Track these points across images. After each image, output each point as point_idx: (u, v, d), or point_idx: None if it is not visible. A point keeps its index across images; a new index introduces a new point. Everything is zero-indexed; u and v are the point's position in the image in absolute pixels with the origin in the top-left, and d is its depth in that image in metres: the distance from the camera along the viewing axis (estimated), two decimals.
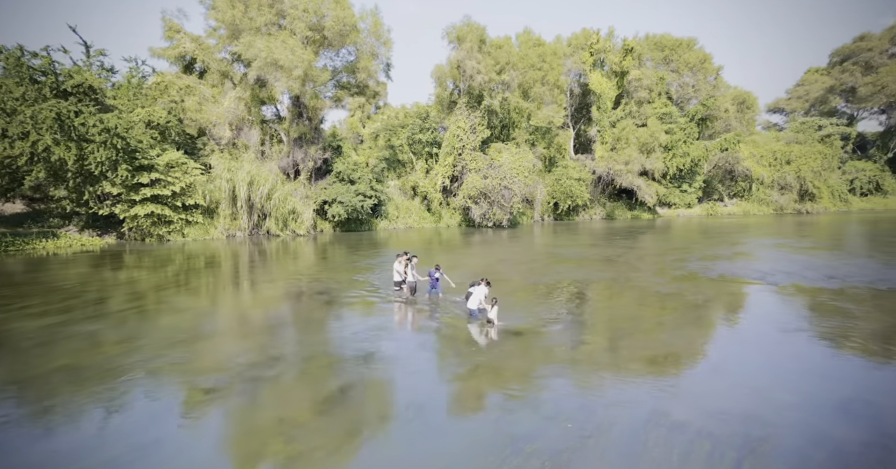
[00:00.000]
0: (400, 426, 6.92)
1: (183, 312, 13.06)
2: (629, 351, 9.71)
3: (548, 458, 5.96)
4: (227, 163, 33.01)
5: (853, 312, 12.16)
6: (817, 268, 18.42)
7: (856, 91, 70.03)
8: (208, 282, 17.99)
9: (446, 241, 30.43)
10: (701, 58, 45.37)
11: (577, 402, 7.48)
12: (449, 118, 38.49)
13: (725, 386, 7.95)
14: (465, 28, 37.87)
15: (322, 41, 34.35)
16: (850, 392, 7.57)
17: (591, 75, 42.40)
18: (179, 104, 33.65)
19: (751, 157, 44.34)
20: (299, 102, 35.39)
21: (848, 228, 34.97)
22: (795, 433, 6.45)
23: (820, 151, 47.20)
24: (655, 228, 36.79)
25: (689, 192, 43.95)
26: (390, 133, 50.78)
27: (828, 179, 48.13)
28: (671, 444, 6.24)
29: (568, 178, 39.20)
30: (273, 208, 33.14)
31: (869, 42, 71.76)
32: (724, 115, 45.22)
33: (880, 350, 9.49)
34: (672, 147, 41.29)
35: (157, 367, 9.02)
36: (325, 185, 35.46)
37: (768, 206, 45.95)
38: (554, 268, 20.01)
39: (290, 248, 28.33)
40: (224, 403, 7.59)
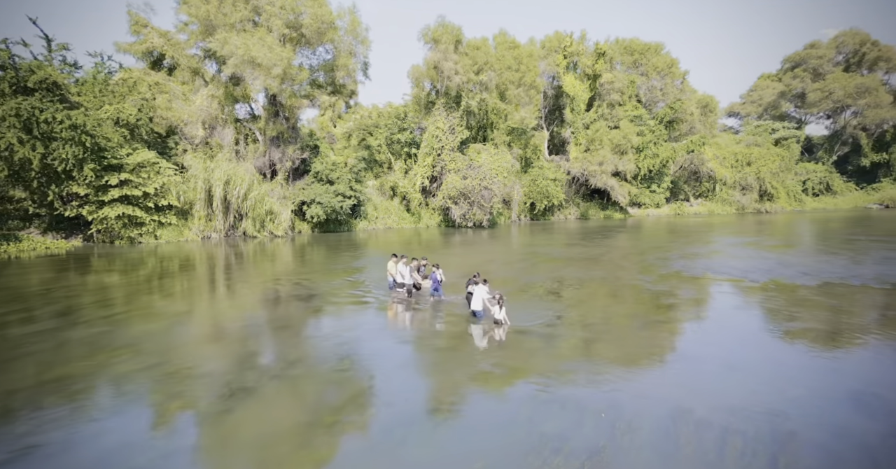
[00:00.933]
0: (432, 428, 6.98)
1: (157, 319, 12.55)
2: (638, 348, 10.09)
3: (587, 457, 6.11)
4: (203, 162, 32.08)
5: (837, 307, 13.02)
6: (790, 265, 19.52)
7: (805, 96, 74.01)
8: (186, 286, 17.44)
9: (429, 242, 30.52)
10: (668, 62, 47.08)
11: (602, 399, 7.69)
12: (427, 118, 38.56)
13: (737, 381, 8.32)
14: (441, 29, 38.01)
15: (299, 39, 33.79)
16: (855, 385, 8.08)
17: (565, 78, 43.33)
18: (150, 102, 32.44)
19: (714, 159, 46.36)
20: (275, 101, 34.71)
21: (806, 227, 37.03)
22: (818, 427, 6.79)
23: (778, 154, 49.83)
24: (629, 228, 37.97)
25: (658, 193, 45.58)
26: (364, 133, 50.45)
27: (784, 180, 50.82)
28: (703, 441, 6.46)
29: (544, 178, 39.96)
30: (250, 209, 32.42)
31: (818, 50, 75.98)
32: (689, 118, 47.10)
33: (870, 343, 10.22)
34: (643, 149, 42.69)
35: (126, 377, 8.72)
36: (304, 186, 34.93)
37: (731, 206, 48.16)
38: (543, 267, 20.44)
39: (269, 250, 27.81)
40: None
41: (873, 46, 70.68)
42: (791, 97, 78.26)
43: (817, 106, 72.55)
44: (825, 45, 76.37)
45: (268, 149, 35.36)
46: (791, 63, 79.19)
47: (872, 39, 71.23)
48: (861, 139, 71.42)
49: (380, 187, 39.49)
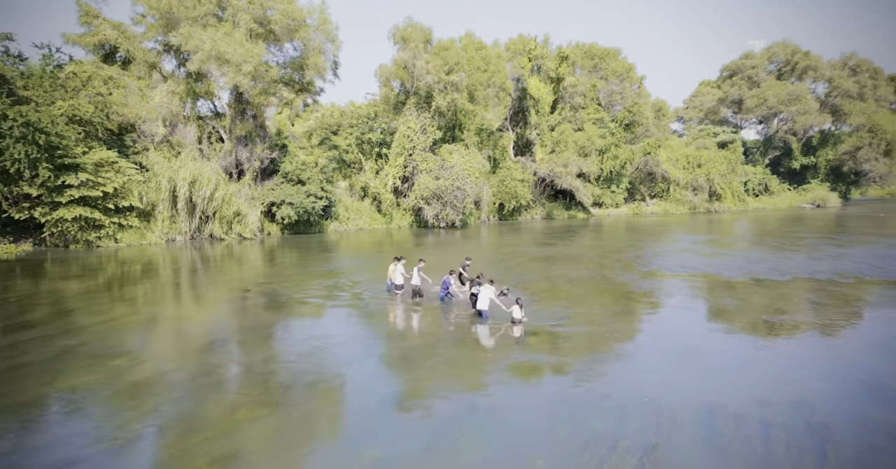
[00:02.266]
0: (479, 429, 7.06)
1: (117, 331, 11.77)
2: (651, 344, 10.65)
3: (643, 454, 6.33)
4: (168, 161, 30.60)
5: (816, 301, 14.22)
6: (757, 261, 21.02)
7: (742, 103, 79.21)
8: (149, 293, 16.51)
9: (406, 243, 30.52)
10: (626, 67, 49.17)
11: (634, 394, 8.02)
12: (398, 118, 38.44)
13: (755, 375, 8.89)
14: (410, 28, 38.01)
15: (268, 35, 32.79)
16: (860, 375, 8.81)
17: (530, 80, 44.37)
18: (105, 97, 30.56)
19: (668, 161, 48.89)
20: (242, 98, 33.54)
21: (755, 225, 39.76)
22: (846, 418, 7.25)
23: (725, 156, 53.17)
24: (594, 227, 39.42)
25: (618, 193, 47.55)
26: (326, 132, 49.60)
27: (731, 182, 54.26)
28: (748, 436, 6.78)
29: (512, 179, 40.78)
30: (217, 210, 31.20)
31: (752, 60, 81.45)
32: (645, 122, 49.40)
33: (858, 334, 11.30)
34: (605, 151, 44.39)
35: (79, 390, 8.34)
36: (273, 186, 33.97)
37: (684, 205, 50.94)
38: (531, 267, 20.95)
39: (238, 253, 26.96)
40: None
41: (803, 57, 76.58)
42: (729, 103, 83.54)
43: (753, 112, 77.73)
44: (759, 55, 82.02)
45: (234, 148, 34.12)
46: (729, 71, 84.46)
47: (802, 50, 77.16)
48: (791, 143, 77.32)
49: (351, 187, 38.99)
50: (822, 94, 77.77)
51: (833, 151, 76.13)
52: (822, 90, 78.01)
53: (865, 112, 75.44)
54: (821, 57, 76.23)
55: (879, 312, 12.95)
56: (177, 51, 35.01)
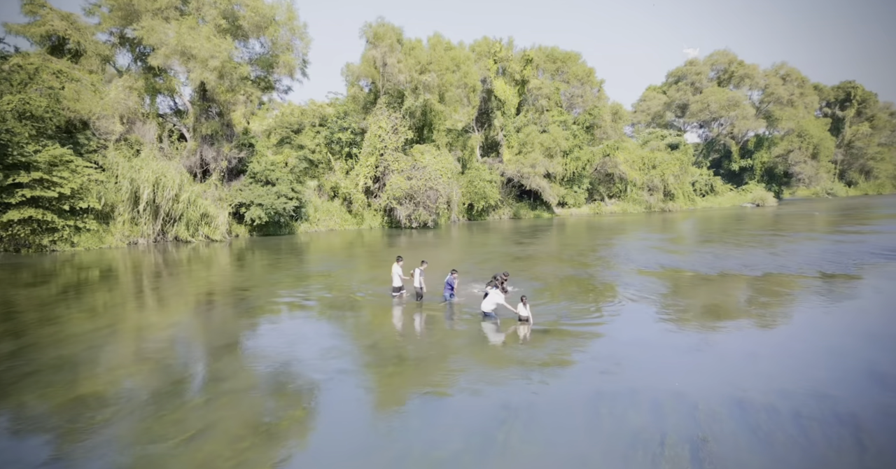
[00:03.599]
0: (523, 429, 7.10)
1: (69, 343, 11.03)
2: (656, 339, 11.15)
3: (695, 449, 6.48)
4: (128, 160, 29.01)
5: (794, 295, 15.44)
6: (725, 258, 22.46)
7: (687, 107, 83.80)
8: (107, 300, 15.63)
9: (382, 244, 30.37)
10: (587, 71, 50.94)
11: (661, 388, 8.29)
12: (368, 118, 38.11)
13: (765, 368, 9.30)
14: (382, 27, 37.83)
15: (235, 31, 31.69)
16: (865, 365, 9.35)
17: (496, 82, 45.15)
18: (57, 92, 28.58)
19: (625, 162, 51.09)
20: (207, 96, 32.25)
21: (709, 224, 42.23)
22: (870, 408, 7.54)
23: (677, 158, 56.11)
24: (561, 226, 40.64)
25: (579, 193, 49.23)
26: (287, 130, 48.51)
27: (683, 182, 57.34)
28: (785, 427, 7.03)
29: (481, 179, 41.37)
30: (183, 212, 29.88)
31: (696, 67, 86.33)
32: (603, 124, 51.36)
33: (844, 325, 12.41)
34: (569, 152, 45.83)
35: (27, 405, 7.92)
36: (240, 187, 32.87)
37: (640, 205, 53.38)
38: (515, 266, 21.38)
39: (207, 256, 26.01)
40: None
41: (739, 66, 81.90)
42: (675, 108, 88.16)
43: (697, 116, 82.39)
44: (702, 62, 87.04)
45: (199, 147, 32.75)
46: (674, 77, 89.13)
47: (739, 59, 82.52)
48: (731, 146, 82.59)
49: (320, 188, 38.30)
50: (757, 100, 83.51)
51: (767, 154, 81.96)
52: (757, 97, 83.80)
53: (794, 118, 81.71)
54: (756, 65, 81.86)
55: (853, 304, 14.22)
56: (133, 44, 33.28)
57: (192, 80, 29.64)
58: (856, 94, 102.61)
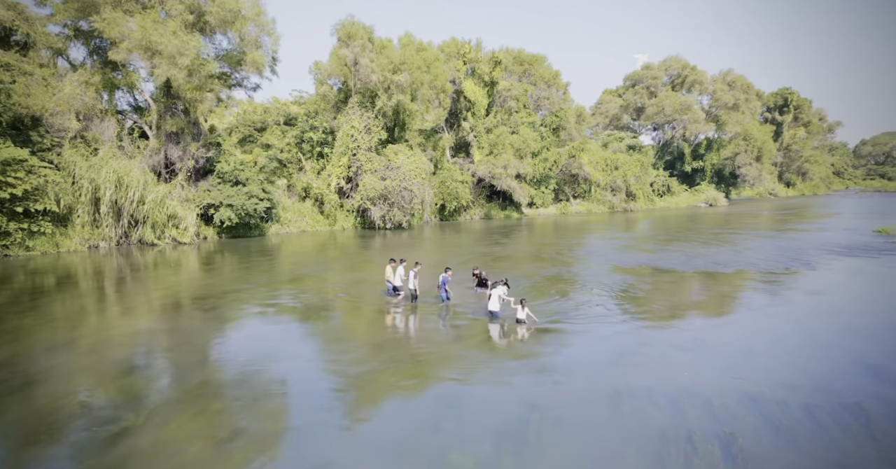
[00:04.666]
0: (554, 434, 7.16)
1: (21, 355, 10.38)
2: (654, 338, 11.54)
3: (725, 445, 6.65)
4: (86, 160, 27.45)
5: (773, 291, 16.40)
6: (696, 256, 23.57)
7: (644, 111, 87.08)
8: (63, 309, 14.76)
9: (358, 245, 30.05)
10: (553, 74, 52.10)
11: (671, 386, 8.51)
12: (340, 117, 37.56)
13: (764, 363, 9.71)
14: (353, 26, 37.39)
15: (203, 26, 30.51)
16: (856, 358, 9.91)
17: (466, 83, 45.47)
18: (7, 86, 26.69)
19: (589, 163, 52.57)
20: (171, 92, 30.89)
21: (671, 223, 44.03)
22: (873, 399, 7.95)
23: (638, 160, 58.22)
24: (533, 226, 41.41)
25: (546, 194, 50.29)
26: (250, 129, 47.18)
27: (645, 183, 59.55)
28: (800, 420, 7.31)
29: (453, 180, 41.58)
30: (148, 213, 28.54)
31: (652, 71, 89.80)
32: (568, 126, 52.67)
33: (825, 321, 13.29)
34: (538, 153, 46.72)
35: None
36: (208, 187, 31.70)
37: (603, 205, 55.08)
38: (499, 266, 21.70)
39: (174, 259, 25.03)
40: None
41: (692, 71, 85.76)
42: (631, 111, 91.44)
43: (652, 119, 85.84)
44: (656, 67, 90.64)
45: (163, 145, 31.33)
46: (631, 81, 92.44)
47: (691, 65, 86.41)
48: (684, 148, 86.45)
49: (291, 188, 37.44)
50: (706, 104, 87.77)
51: (717, 156, 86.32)
52: (707, 101, 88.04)
53: (741, 122, 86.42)
54: (705, 72, 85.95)
55: (826, 299, 15.23)
56: (88, 37, 31.49)
57: (157, 77, 28.30)
58: (792, 100, 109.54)
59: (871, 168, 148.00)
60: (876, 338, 11.25)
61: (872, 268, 20.00)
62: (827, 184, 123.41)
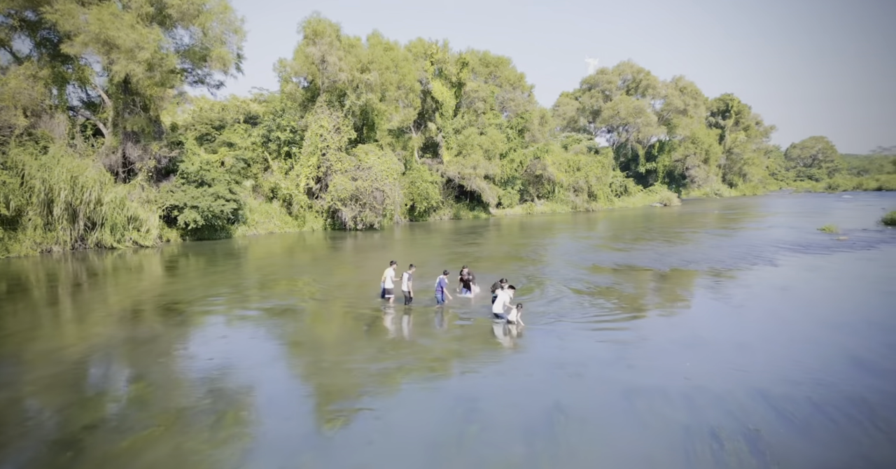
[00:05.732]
0: (581, 428, 7.29)
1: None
2: (651, 336, 11.90)
3: (753, 442, 6.81)
4: (35, 159, 25.66)
5: (748, 286, 17.34)
6: (666, 254, 24.60)
7: (600, 113, 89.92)
8: (12, 317, 14.16)
9: (332, 247, 29.54)
10: (518, 76, 52.98)
11: (681, 383, 8.76)
12: (308, 116, 36.74)
13: (761, 359, 10.08)
14: (321, 23, 36.68)
15: (162, 19, 29.10)
16: (843, 351, 10.47)
17: (434, 83, 45.52)
18: None
19: (553, 165, 53.81)
20: (130, 89, 29.29)
21: (632, 222, 45.69)
22: (872, 391, 8.37)
23: (599, 161, 60.04)
24: (502, 226, 41.96)
25: (513, 194, 51.09)
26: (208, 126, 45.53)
27: (605, 184, 61.48)
28: (812, 414, 7.57)
29: (423, 180, 41.55)
30: (107, 215, 26.98)
31: (607, 76, 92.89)
32: (532, 128, 53.71)
33: (805, 315, 14.19)
34: (506, 154, 47.38)
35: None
36: (171, 188, 30.28)
37: (567, 205, 56.50)
38: (480, 266, 21.83)
39: (141, 263, 23.89)
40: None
41: (646, 76, 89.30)
42: (588, 114, 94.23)
43: (608, 122, 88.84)
44: (611, 71, 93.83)
45: (121, 144, 29.67)
46: (587, 85, 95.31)
47: (645, 70, 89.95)
48: (638, 150, 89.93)
49: (257, 188, 36.31)
50: (659, 108, 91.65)
51: (668, 158, 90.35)
52: (660, 106, 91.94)
53: (690, 126, 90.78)
54: (657, 77, 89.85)
55: (796, 293, 16.30)
56: (34, 28, 29.45)
57: (116, 72, 26.73)
58: (733, 105, 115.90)
59: (800, 170, 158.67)
60: (853, 331, 12.11)
61: (828, 264, 21.53)
62: (764, 184, 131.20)
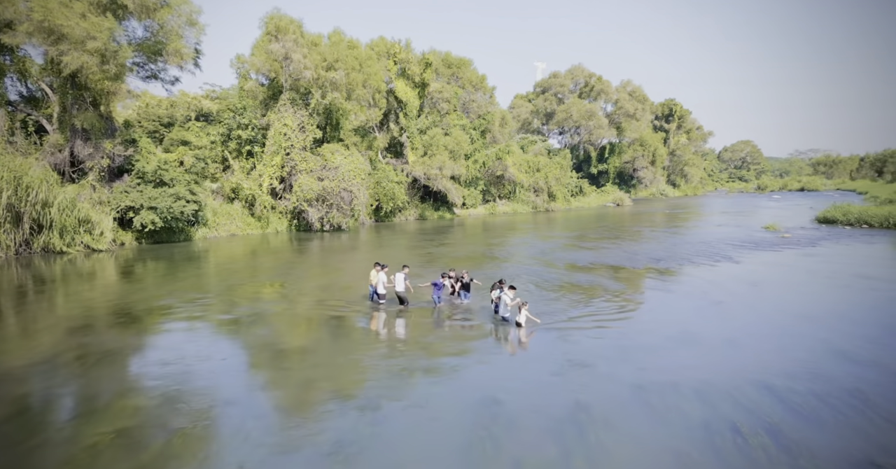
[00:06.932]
0: (607, 426, 7.43)
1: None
2: (649, 333, 12.31)
3: (770, 433, 7.15)
4: None
5: (722, 283, 18.29)
6: (636, 253, 25.60)
7: (553, 116, 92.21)
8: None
9: (301, 249, 28.76)
10: (479, 77, 53.47)
11: (691, 381, 9.02)
12: (270, 115, 35.57)
13: (752, 353, 10.61)
14: (282, 20, 35.66)
15: (116, 9, 27.33)
16: (823, 345, 11.03)
17: (397, 83, 45.21)
18: None
19: (513, 165, 54.71)
20: (77, 83, 27.35)
21: (592, 222, 47.13)
22: (864, 382, 8.86)
23: (558, 162, 61.54)
24: (471, 226, 42.22)
25: (476, 195, 51.57)
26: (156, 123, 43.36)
27: (564, 184, 63.08)
28: (817, 406, 7.91)
29: (389, 181, 41.19)
30: (55, 218, 25.11)
31: (559, 79, 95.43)
32: (493, 129, 54.41)
33: (782, 309, 15.13)
34: (471, 155, 47.72)
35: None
36: (126, 188, 28.52)
37: (527, 205, 57.58)
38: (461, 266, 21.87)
39: (94, 269, 22.48)
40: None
41: (598, 81, 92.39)
42: (542, 116, 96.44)
43: (562, 124, 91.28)
44: (563, 75, 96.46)
45: (70, 142, 27.66)
46: (541, 88, 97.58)
47: (597, 75, 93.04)
48: (591, 152, 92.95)
49: (218, 189, 34.78)
50: (610, 112, 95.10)
51: (618, 160, 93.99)
52: (611, 109, 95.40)
53: (638, 129, 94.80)
54: (609, 81, 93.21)
55: (767, 288, 17.38)
56: None
57: (66, 64, 24.87)
58: (676, 110, 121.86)
59: (731, 172, 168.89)
60: (826, 324, 13.07)
61: (782, 260, 23.11)
62: (703, 185, 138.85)
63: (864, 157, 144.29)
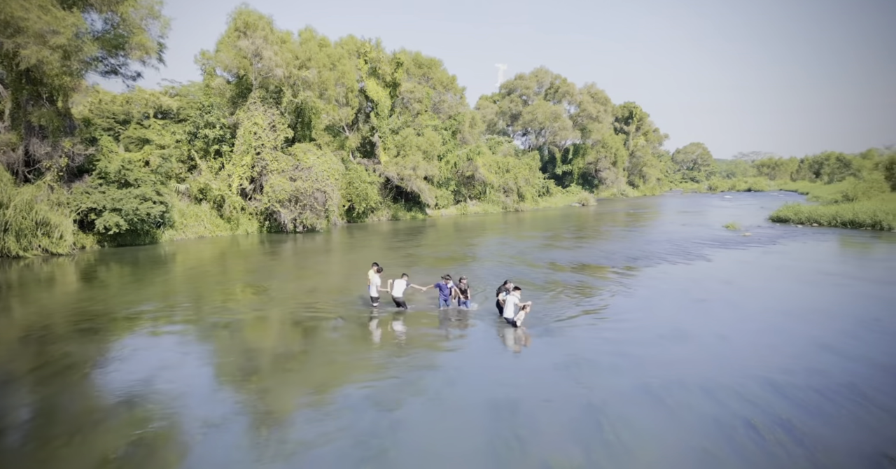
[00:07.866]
0: (626, 426, 7.48)
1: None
2: (645, 332, 12.63)
3: (783, 427, 7.30)
4: None
5: (701, 279, 18.98)
6: (612, 252, 26.25)
7: (518, 117, 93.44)
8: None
9: (276, 251, 28.07)
10: (450, 78, 53.58)
11: (696, 380, 9.15)
12: (239, 113, 34.50)
13: (746, 349, 10.89)
14: (251, 16, 34.66)
15: (77, 2, 25.86)
16: (813, 340, 11.48)
17: (368, 82, 44.72)
18: None
19: (484, 166, 55.15)
20: (33, 78, 25.71)
21: (561, 222, 48.02)
22: (858, 377, 9.17)
23: (527, 163, 62.37)
24: (445, 227, 42.25)
25: (448, 195, 51.67)
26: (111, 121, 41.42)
27: (533, 185, 64.01)
28: (824, 403, 8.09)
29: (362, 181, 40.71)
30: (11, 220, 23.58)
31: (524, 81, 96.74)
32: (463, 130, 54.68)
33: (769, 306, 15.81)
34: (444, 155, 47.74)
35: None
36: (87, 189, 27.06)
37: (497, 205, 58.13)
38: (447, 267, 21.96)
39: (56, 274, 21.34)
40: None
41: (563, 83, 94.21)
42: (508, 117, 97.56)
43: (528, 125, 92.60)
44: (528, 77, 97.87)
45: (24, 140, 25.98)
46: (507, 89, 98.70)
47: (562, 77, 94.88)
48: (555, 153, 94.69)
49: (186, 190, 33.46)
50: (574, 114, 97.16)
51: (582, 161, 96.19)
52: (574, 111, 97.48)
53: (601, 131, 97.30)
54: (574, 84, 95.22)
55: (746, 285, 18.11)
56: None
57: (24, 58, 23.33)
58: (636, 113, 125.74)
59: (684, 173, 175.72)
60: (806, 319, 13.73)
61: (749, 258, 24.22)
62: (660, 185, 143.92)
63: (804, 160, 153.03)
